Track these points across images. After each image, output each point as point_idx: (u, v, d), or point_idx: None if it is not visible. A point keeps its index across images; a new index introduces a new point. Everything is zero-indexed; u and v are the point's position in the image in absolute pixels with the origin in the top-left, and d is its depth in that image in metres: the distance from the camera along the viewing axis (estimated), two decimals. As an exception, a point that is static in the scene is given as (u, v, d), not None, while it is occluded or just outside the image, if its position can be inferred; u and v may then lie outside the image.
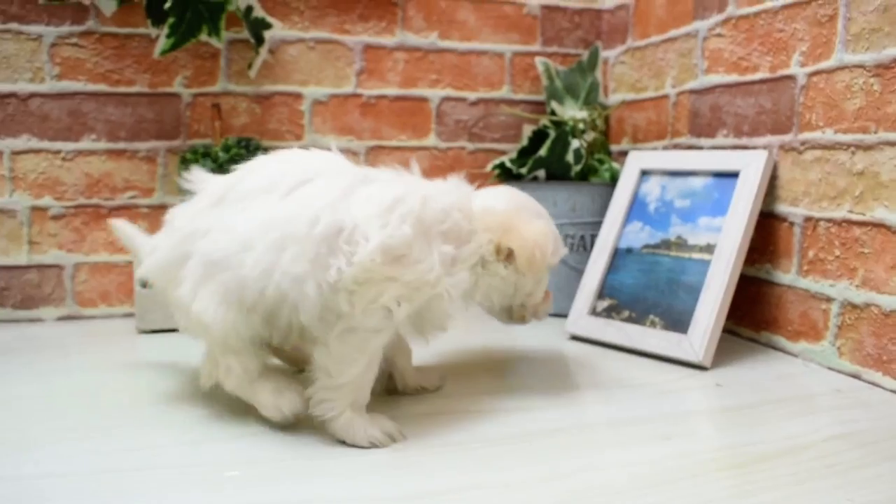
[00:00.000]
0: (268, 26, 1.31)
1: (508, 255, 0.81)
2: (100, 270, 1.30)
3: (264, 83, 1.36)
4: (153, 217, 1.32)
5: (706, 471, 0.67)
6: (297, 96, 1.38)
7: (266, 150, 1.26)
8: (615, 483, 0.64)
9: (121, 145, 1.30)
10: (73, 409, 0.82)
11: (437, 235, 0.74)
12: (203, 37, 1.25)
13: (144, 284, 1.20)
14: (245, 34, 1.29)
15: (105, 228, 1.30)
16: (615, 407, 0.84)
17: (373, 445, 0.71)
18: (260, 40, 1.31)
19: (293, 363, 0.93)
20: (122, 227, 0.90)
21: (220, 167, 1.22)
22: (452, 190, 0.80)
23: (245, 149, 1.25)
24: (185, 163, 1.24)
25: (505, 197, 0.85)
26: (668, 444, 0.73)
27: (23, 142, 1.25)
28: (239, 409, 0.80)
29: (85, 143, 1.29)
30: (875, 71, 0.89)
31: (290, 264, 0.68)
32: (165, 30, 1.23)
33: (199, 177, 0.81)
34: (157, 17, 1.24)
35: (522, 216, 0.83)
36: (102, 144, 1.29)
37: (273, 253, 0.69)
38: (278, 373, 0.78)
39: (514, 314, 0.89)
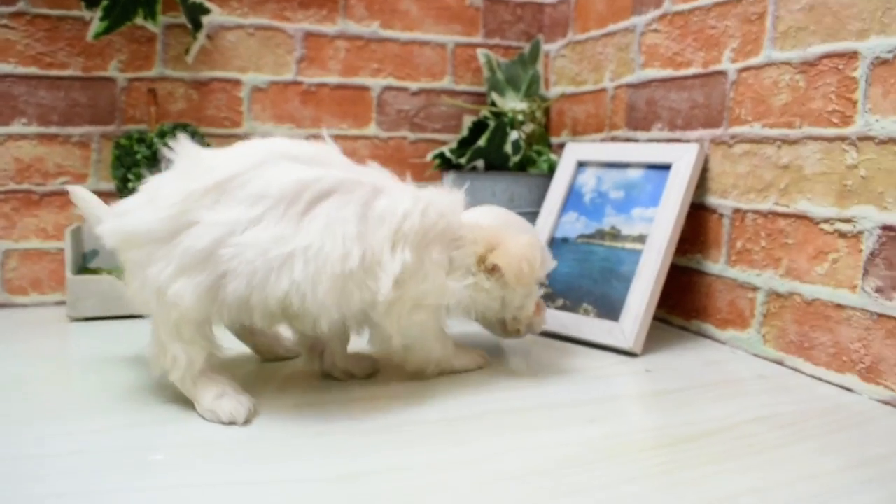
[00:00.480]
0: (206, 11, 1.30)
1: (493, 270, 0.85)
2: (30, 257, 1.27)
3: (202, 69, 1.34)
4: (86, 204, 1.29)
5: (630, 451, 0.69)
6: (236, 83, 1.36)
7: (203, 136, 1.25)
8: (539, 464, 0.65)
9: (53, 130, 1.27)
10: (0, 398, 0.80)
11: (430, 241, 0.80)
12: (139, 20, 1.23)
13: (84, 262, 1.17)
14: (183, 19, 1.27)
15: (37, 214, 1.26)
16: (545, 391, 0.85)
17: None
18: (197, 25, 1.29)
19: (262, 351, 0.94)
20: (81, 193, 0.83)
21: (155, 153, 1.20)
22: (446, 196, 0.85)
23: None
24: (119, 148, 1.22)
25: (492, 214, 0.91)
26: (595, 426, 0.75)
27: (-51, 125, 1.22)
28: (167, 395, 0.79)
29: (15, 128, 1.25)
30: (800, 68, 0.92)
31: (323, 295, 0.71)
32: (99, 12, 1.21)
33: (189, 150, 0.76)
34: (91, 1, 1.22)
35: (509, 231, 0.87)
36: (34, 129, 1.26)
37: (308, 284, 0.70)
38: (226, 376, 0.77)
39: (508, 327, 0.94)
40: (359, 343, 0.88)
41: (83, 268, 1.27)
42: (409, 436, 0.72)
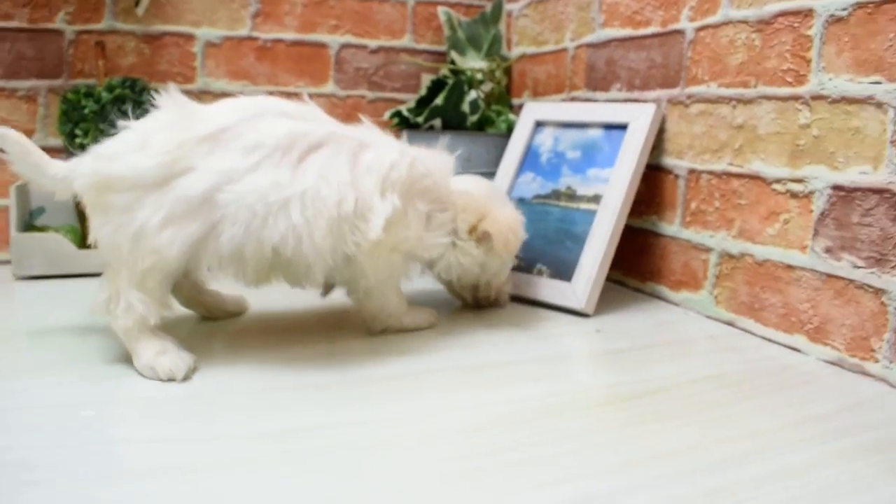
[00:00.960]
0: (157, -39, 1.25)
1: (482, 237, 0.90)
2: (-27, 216, 1.23)
3: (154, 22, 1.30)
4: (33, 160, 1.25)
5: (572, 408, 0.68)
6: (189, 37, 1.33)
7: (154, 90, 1.21)
8: (480, 421, 0.65)
9: (-2, 83, 1.23)
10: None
11: (417, 193, 0.83)
12: (86, -31, 1.18)
13: (30, 219, 1.14)
14: (131, -32, 1.22)
15: (-21, 171, 1.22)
16: (492, 350, 0.85)
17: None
18: (147, -24, 1.25)
19: (206, 309, 0.92)
20: (13, 136, 0.76)
21: (103, 108, 1.17)
22: (436, 156, 0.89)
23: (130, 89, 1.19)
24: (66, 102, 1.18)
25: (480, 183, 0.96)
26: (539, 384, 0.74)
27: None
28: (109, 353, 0.77)
29: (-43, 80, 1.21)
30: (757, 26, 0.91)
31: (320, 239, 0.74)
32: (43, -41, 1.16)
33: (179, 101, 0.76)
34: (34, -53, 1.17)
35: (496, 202, 0.93)
36: (-23, 82, 1.22)
37: (305, 226, 0.73)
38: (169, 335, 0.76)
39: (479, 293, 0.99)
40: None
41: (29, 225, 1.23)
42: (352, 392, 0.70)
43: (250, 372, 0.75)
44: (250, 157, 0.73)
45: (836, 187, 0.81)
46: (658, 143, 1.07)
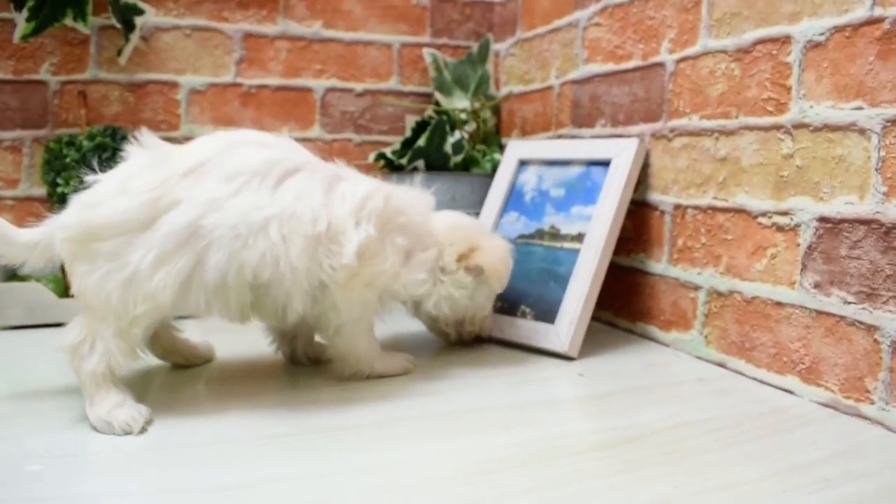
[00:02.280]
0: (139, 12, 1.25)
1: (473, 270, 0.90)
2: (-42, 267, 1.22)
3: (137, 71, 1.30)
4: (18, 209, 1.25)
5: (534, 460, 0.64)
6: (173, 85, 1.32)
7: (133, 140, 1.21)
8: (434, 473, 0.61)
9: (-18, 135, 1.23)
10: None
11: (395, 228, 0.82)
12: (69, 21, 1.19)
13: (13, 269, 1.12)
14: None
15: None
16: (466, 396, 0.81)
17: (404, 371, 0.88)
18: (130, 27, 1.25)
19: (182, 357, 0.90)
20: None
21: (84, 157, 1.16)
22: (413, 193, 0.90)
23: (111, 138, 1.19)
24: (48, 152, 1.17)
25: (463, 218, 0.96)
26: (507, 432, 0.70)
27: None
28: (77, 402, 0.74)
29: (-56, 132, 1.21)
30: (735, 56, 0.88)
31: (296, 258, 0.73)
32: (25, 13, 1.16)
33: (154, 143, 0.76)
34: (18, 1, 1.17)
35: (483, 235, 0.93)
36: (-38, 134, 1.22)
37: (282, 245, 0.73)
38: (128, 388, 0.73)
39: (464, 328, 0.98)
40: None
41: (12, 274, 1.21)
42: (314, 443, 0.67)
43: (210, 422, 0.71)
44: (231, 184, 0.73)
45: (822, 219, 0.78)
46: (643, 178, 1.03)
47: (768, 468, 0.63)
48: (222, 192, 0.72)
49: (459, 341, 1.00)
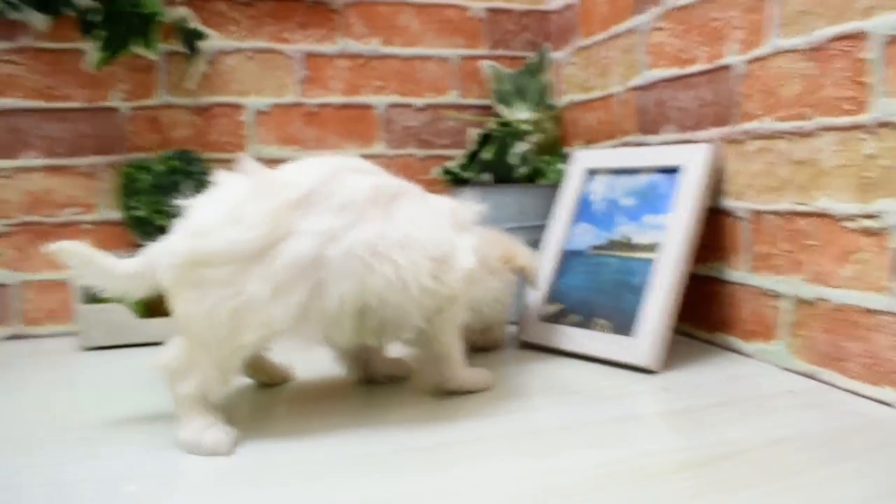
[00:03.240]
0: (202, 37, 1.28)
1: (517, 270, 1.00)
2: (45, 288, 1.26)
3: (203, 94, 1.33)
4: (97, 233, 1.28)
5: (630, 479, 0.62)
6: (238, 107, 1.34)
7: (205, 161, 1.23)
8: (522, 494, 0.59)
9: (60, 161, 1.27)
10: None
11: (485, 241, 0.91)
12: (137, 49, 1.22)
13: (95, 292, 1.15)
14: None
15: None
16: (549, 413, 0.79)
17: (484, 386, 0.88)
18: (194, 51, 1.27)
19: (268, 376, 0.92)
20: (72, 248, 0.73)
21: (157, 180, 1.18)
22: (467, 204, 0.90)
23: (183, 161, 1.21)
24: (123, 176, 1.20)
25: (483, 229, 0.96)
26: (594, 451, 0.68)
27: (-39, 161, 1.22)
28: (153, 423, 0.75)
29: (24, 161, 1.25)
30: (808, 54, 0.86)
31: (425, 279, 0.76)
32: (97, 43, 1.20)
33: (256, 169, 0.74)
34: (89, 31, 1.21)
35: (507, 239, 1.02)
36: (42, 161, 1.26)
37: (412, 268, 0.75)
38: (218, 409, 0.74)
39: (493, 332, 1.04)
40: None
41: (94, 297, 1.25)
42: (392, 463, 0.66)
43: (294, 441, 0.72)
44: (347, 214, 0.73)
45: (915, 222, 0.74)
46: (717, 184, 1.01)
47: (873, 488, 0.60)
48: (338, 223, 0.72)
49: (483, 343, 1.05)
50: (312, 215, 0.72)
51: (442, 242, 0.79)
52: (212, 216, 0.71)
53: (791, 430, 0.73)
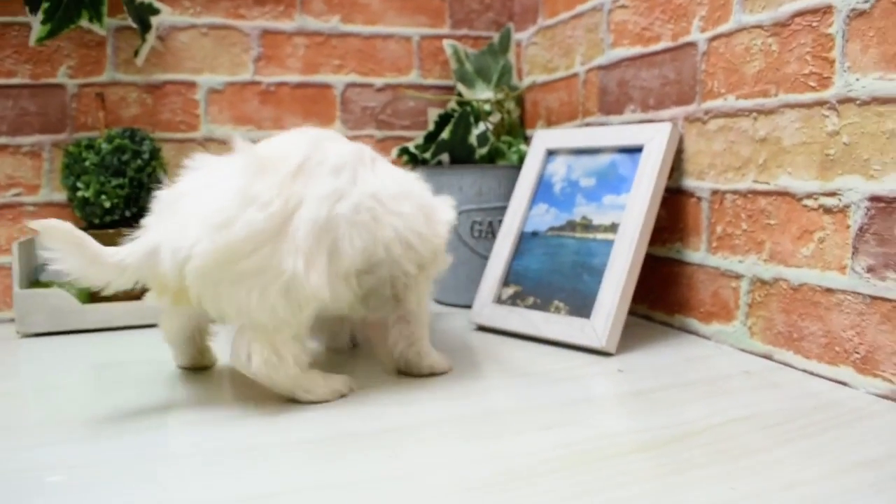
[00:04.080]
0: (155, 11, 1.23)
1: None
2: (-18, 274, 1.21)
3: (154, 72, 1.28)
4: (40, 215, 1.23)
5: (581, 461, 0.60)
6: (191, 85, 1.30)
7: (152, 140, 1.19)
8: (475, 477, 0.57)
9: (2, 140, 1.21)
10: None
11: None
12: (84, 23, 1.17)
13: (35, 275, 1.11)
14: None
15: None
16: (501, 396, 0.77)
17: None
18: (146, 27, 1.22)
19: (203, 360, 0.89)
20: (64, 228, 0.67)
21: (103, 159, 1.14)
22: None
23: (130, 139, 1.16)
24: (68, 156, 1.15)
25: None
26: (549, 433, 0.66)
27: None
28: (82, 409, 0.71)
29: (-36, 139, 1.19)
30: (773, 30, 0.84)
31: (423, 228, 0.79)
32: (40, 15, 1.14)
33: (247, 146, 0.73)
34: (33, 4, 1.15)
35: None
36: (-18, 140, 1.20)
37: (414, 218, 0.79)
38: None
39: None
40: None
41: (35, 281, 1.20)
42: (341, 448, 0.63)
43: (234, 428, 0.68)
44: (344, 175, 0.74)
45: (874, 198, 0.73)
46: (677, 164, 0.99)
47: (830, 465, 0.58)
48: (340, 183, 0.73)
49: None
50: (312, 181, 0.72)
51: (425, 196, 0.83)
52: (223, 201, 0.68)
53: (747, 410, 0.71)
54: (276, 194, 0.69)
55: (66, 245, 0.67)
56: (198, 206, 0.69)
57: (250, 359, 0.71)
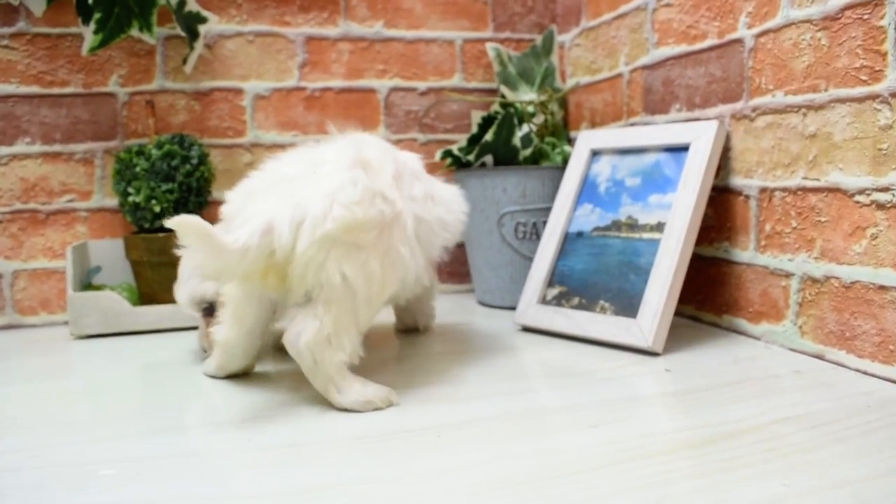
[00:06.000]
0: (202, 20, 1.26)
1: None
2: (38, 277, 1.24)
3: (202, 79, 1.31)
4: (93, 221, 1.26)
5: (626, 459, 0.59)
6: (238, 91, 1.32)
7: (201, 146, 1.21)
8: (519, 474, 0.57)
9: (56, 148, 1.25)
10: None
11: None
12: (134, 32, 1.20)
13: (87, 279, 1.14)
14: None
15: (43, 234, 1.24)
16: (547, 395, 0.77)
17: None
18: (194, 35, 1.25)
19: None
20: (190, 222, 0.67)
21: (153, 165, 1.16)
22: None
23: (178, 145, 1.19)
24: (119, 162, 1.18)
25: None
26: (595, 431, 0.66)
27: (-45, 148, 1.20)
28: (133, 407, 0.73)
29: (19, 147, 1.23)
30: (822, 24, 0.82)
31: (450, 216, 0.91)
32: (92, 26, 1.18)
33: (350, 137, 0.84)
34: (86, 15, 1.19)
35: None
36: (37, 147, 1.24)
37: (455, 210, 0.93)
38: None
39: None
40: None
41: (87, 284, 1.23)
42: (388, 444, 0.64)
43: (283, 424, 0.69)
44: (420, 178, 0.88)
45: (930, 193, 0.71)
46: (724, 162, 0.98)
47: (884, 464, 0.57)
48: (423, 186, 0.87)
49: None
50: (405, 185, 0.82)
51: (446, 189, 0.94)
52: (351, 187, 0.73)
53: (798, 409, 0.70)
54: (396, 195, 0.77)
55: (196, 238, 0.68)
56: (318, 188, 0.73)
57: (301, 335, 0.72)
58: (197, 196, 1.19)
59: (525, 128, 1.20)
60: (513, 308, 1.16)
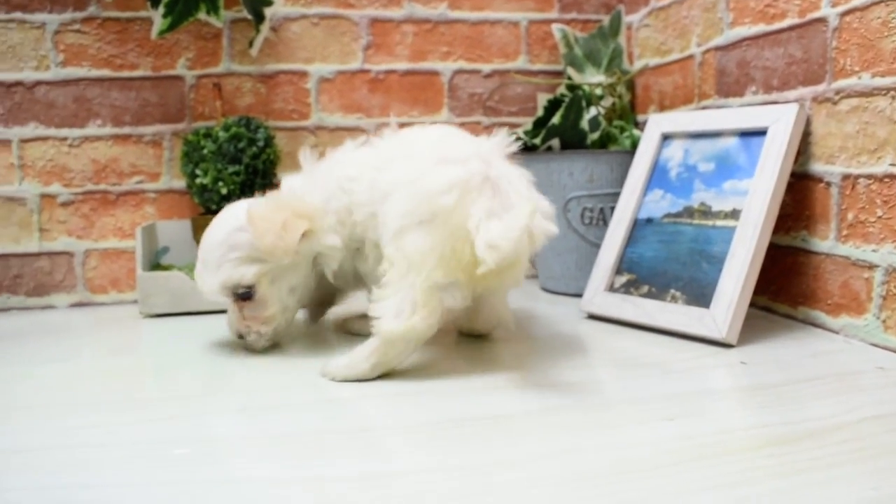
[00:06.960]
0: (268, 3, 1.26)
1: None
2: (109, 257, 1.27)
3: (268, 62, 1.31)
4: (161, 202, 1.29)
5: (705, 455, 0.58)
6: (303, 74, 1.32)
7: (266, 129, 1.22)
8: (591, 467, 0.56)
9: (126, 130, 1.27)
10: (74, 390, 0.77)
11: None
12: (202, 16, 1.21)
13: (156, 259, 1.16)
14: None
15: (114, 214, 1.26)
16: (620, 386, 0.75)
17: None
18: (260, 18, 1.26)
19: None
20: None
21: (220, 147, 1.17)
22: None
23: (245, 128, 1.20)
24: (187, 144, 1.20)
25: None
26: (671, 425, 0.64)
27: (30, 130, 1.24)
28: (202, 386, 0.74)
29: (91, 129, 1.26)
30: (916, 2, 0.78)
31: None
32: (161, 10, 1.19)
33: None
34: (156, -1, 1.20)
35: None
36: (108, 130, 1.27)
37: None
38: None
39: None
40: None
41: (155, 265, 1.25)
42: (455, 433, 0.63)
43: (352, 409, 0.69)
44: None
45: None
46: (803, 147, 0.94)
47: (982, 469, 0.54)
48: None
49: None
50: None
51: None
52: (455, 153, 0.82)
53: (883, 407, 0.67)
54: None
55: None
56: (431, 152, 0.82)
57: (385, 319, 0.76)
58: (263, 178, 1.19)
59: (592, 111, 1.17)
60: (577, 295, 1.14)
